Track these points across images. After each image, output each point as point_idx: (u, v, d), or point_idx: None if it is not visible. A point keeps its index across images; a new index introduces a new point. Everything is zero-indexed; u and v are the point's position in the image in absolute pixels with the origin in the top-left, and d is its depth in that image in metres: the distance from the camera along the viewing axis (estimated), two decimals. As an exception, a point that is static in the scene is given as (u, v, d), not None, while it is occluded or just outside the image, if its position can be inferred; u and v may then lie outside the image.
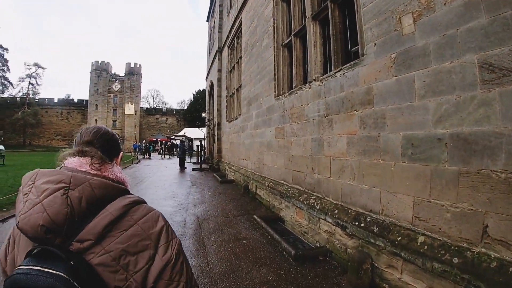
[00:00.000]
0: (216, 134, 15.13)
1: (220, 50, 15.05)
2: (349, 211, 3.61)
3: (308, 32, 4.92)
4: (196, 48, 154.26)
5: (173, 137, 38.01)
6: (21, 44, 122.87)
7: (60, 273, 0.67)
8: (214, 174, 12.29)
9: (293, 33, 5.65)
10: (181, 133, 39.25)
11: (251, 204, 6.82)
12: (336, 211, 3.80)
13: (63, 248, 0.72)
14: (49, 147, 48.28)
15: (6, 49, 50.55)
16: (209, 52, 20.17)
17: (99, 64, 52.62)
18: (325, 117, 4.25)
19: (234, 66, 12.11)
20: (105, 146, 0.98)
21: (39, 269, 0.67)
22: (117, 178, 0.94)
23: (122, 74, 54.40)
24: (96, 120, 50.72)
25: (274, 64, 6.34)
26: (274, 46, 6.41)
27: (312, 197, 4.50)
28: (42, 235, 0.71)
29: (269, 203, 6.38)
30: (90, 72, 52.50)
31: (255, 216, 5.37)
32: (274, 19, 6.48)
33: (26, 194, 0.76)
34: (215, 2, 17.27)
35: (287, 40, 6.06)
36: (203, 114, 15.95)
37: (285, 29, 6.30)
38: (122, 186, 0.90)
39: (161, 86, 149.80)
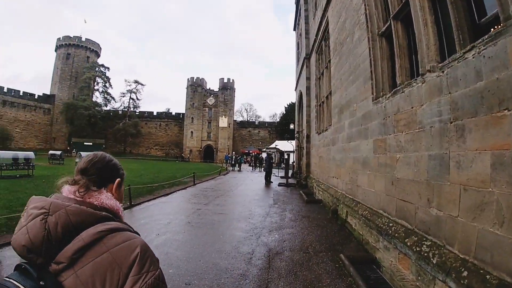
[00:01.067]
0: (304, 148, 14.10)
1: (307, 57, 14.17)
2: (489, 277, 2.11)
3: (413, 8, 3.53)
4: (286, 61, 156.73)
5: (264, 149, 38.53)
6: (125, 64, 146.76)
7: None
8: (301, 192, 11.21)
9: (391, 16, 4.28)
10: (273, 145, 39.54)
11: (339, 235, 5.51)
12: (465, 273, 2.32)
13: (44, 268, 0.79)
14: (147, 156, 55.46)
15: (108, 68, 59.10)
16: (297, 61, 19.52)
17: (194, 80, 57.84)
18: (450, 122, 2.79)
19: (323, 71, 11.00)
20: (98, 173, 1.01)
21: (13, 282, 0.75)
22: (103, 204, 0.95)
23: (216, 89, 58.54)
24: (191, 132, 55.88)
25: (370, 59, 5.00)
26: (368, 38, 5.09)
27: (426, 243, 3.03)
28: (25, 255, 0.79)
29: (361, 236, 4.98)
30: (186, 88, 58.03)
31: (342, 256, 4.10)
32: (365, 5, 5.20)
33: (21, 218, 0.85)
34: (300, 9, 16.71)
35: (384, 27, 4.68)
36: (292, 125, 15.16)
37: (380, 14, 4.93)
38: (103, 213, 0.90)
39: (254, 100, 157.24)
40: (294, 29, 22.51)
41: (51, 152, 28.38)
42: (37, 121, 52.92)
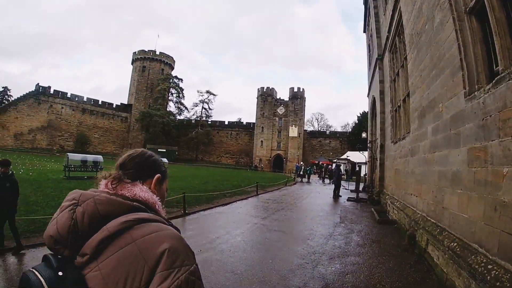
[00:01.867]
0: (378, 159, 12.54)
1: (380, 58, 12.73)
2: None
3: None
4: (358, 70, 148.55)
5: (335, 160, 36.47)
6: (200, 77, 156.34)
7: (41, 279, 0.70)
8: (372, 209, 9.82)
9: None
10: (344, 156, 37.26)
11: (416, 269, 4.36)
12: None
13: (70, 260, 0.76)
14: (218, 163, 56.95)
15: (181, 79, 61.69)
16: (369, 65, 17.90)
17: (264, 90, 58.30)
18: None
19: (398, 71, 9.60)
20: (136, 168, 0.96)
21: (34, 272, 0.72)
22: (135, 196, 0.87)
23: (286, 98, 58.12)
24: (262, 141, 56.27)
25: (458, 45, 3.87)
26: (453, 18, 3.97)
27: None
28: (52, 246, 0.77)
29: (445, 275, 3.80)
30: (257, 97, 58.81)
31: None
32: (449, -22, 4.09)
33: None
34: (369, 7, 15.39)
35: (473, 2, 3.54)
36: (364, 134, 13.69)
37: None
38: (135, 203, 0.84)
39: (325, 110, 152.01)
40: (364, 31, 20.87)
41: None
42: (114, 128, 58.45)
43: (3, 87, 59.98)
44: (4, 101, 54.59)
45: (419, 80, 6.61)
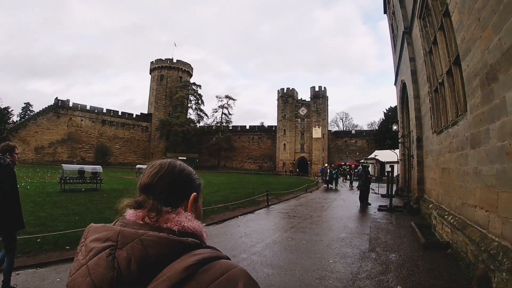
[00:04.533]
0: (414, 156, 9.91)
1: (407, 31, 10.21)
2: None
3: None
4: (381, 68, 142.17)
5: (362, 160, 33.27)
6: (224, 85, 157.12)
7: None
8: (412, 223, 7.23)
9: None
10: (372, 156, 34.01)
11: None
12: None
13: None
14: (240, 169, 55.06)
15: (199, 86, 60.68)
16: (394, 48, 15.22)
17: (284, 91, 55.96)
18: None
19: (435, 37, 7.12)
20: (168, 190, 0.76)
21: None
22: (184, 229, 0.71)
23: (307, 98, 55.50)
24: (284, 144, 53.82)
25: None
26: None
27: None
28: None
29: None
30: (277, 99, 56.55)
31: None
32: None
33: (77, 253, 0.67)
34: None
35: None
36: (394, 127, 11.07)
37: None
38: (189, 239, 0.67)
39: (350, 110, 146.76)
40: (385, 12, 18.17)
41: (138, 166, 30.14)
42: (135, 138, 58.22)
43: (25, 103, 61.38)
44: (26, 116, 56.09)
45: (476, 28, 4.25)
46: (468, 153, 4.83)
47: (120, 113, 57.80)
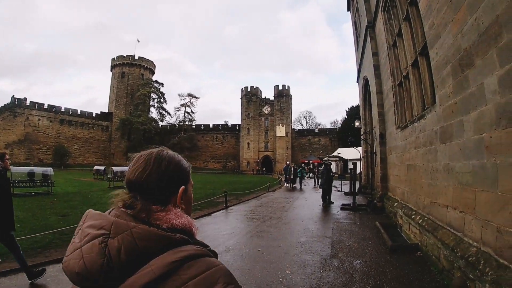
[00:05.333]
0: (377, 153, 9.72)
1: (371, 25, 10.03)
2: None
3: None
4: (345, 70, 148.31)
5: (325, 158, 33.75)
6: (190, 86, 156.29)
7: None
8: (377, 223, 6.92)
9: None
10: (335, 153, 34.67)
11: None
12: None
13: None
14: (204, 169, 53.82)
15: (162, 84, 59.09)
16: (357, 44, 15.20)
17: (248, 90, 55.49)
18: None
19: (400, 28, 6.89)
20: (156, 188, 0.75)
21: None
22: (173, 226, 0.72)
23: (271, 97, 55.52)
24: (248, 143, 53.40)
25: None
26: None
27: None
28: (79, 283, 0.64)
29: None
30: (241, 98, 55.92)
31: None
32: None
33: (74, 235, 0.70)
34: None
35: None
36: (357, 123, 10.84)
37: None
38: (178, 235, 0.70)
39: (314, 110, 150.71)
40: (348, 9, 18.19)
41: (95, 167, 28.76)
42: (95, 138, 55.46)
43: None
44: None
45: (448, 11, 3.92)
46: (437, 149, 4.48)
47: (79, 112, 54.25)
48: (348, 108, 49.84)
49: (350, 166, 15.79)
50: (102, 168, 26.85)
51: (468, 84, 3.43)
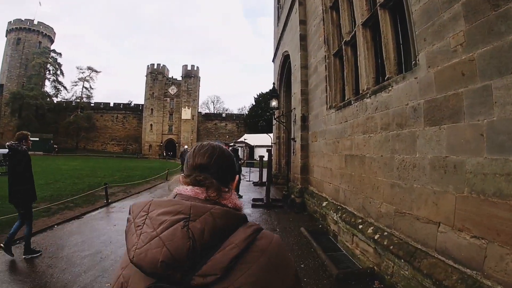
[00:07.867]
0: (297, 139, 8.30)
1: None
2: None
3: None
4: (257, 61, 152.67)
5: (232, 143, 32.53)
6: (99, 64, 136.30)
7: None
8: (303, 230, 5.35)
9: None
10: (241, 139, 33.72)
11: None
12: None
13: (184, 283, 0.63)
14: (102, 152, 47.67)
15: (60, 54, 51.73)
16: (278, 18, 13.66)
17: (154, 67, 50.25)
18: None
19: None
20: (221, 170, 0.83)
21: None
22: (235, 205, 0.80)
23: (179, 77, 51.51)
24: (151, 125, 48.74)
25: None
26: None
27: None
28: (162, 271, 0.63)
29: None
30: (146, 76, 50.28)
31: None
32: None
33: (139, 226, 0.69)
34: None
35: None
36: (273, 103, 9.28)
37: None
38: (242, 213, 0.78)
39: (222, 95, 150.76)
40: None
41: None
42: None
43: None
44: None
45: None
46: (417, 133, 2.98)
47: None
48: (257, 95, 49.84)
49: (260, 153, 14.46)
50: None
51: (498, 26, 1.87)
